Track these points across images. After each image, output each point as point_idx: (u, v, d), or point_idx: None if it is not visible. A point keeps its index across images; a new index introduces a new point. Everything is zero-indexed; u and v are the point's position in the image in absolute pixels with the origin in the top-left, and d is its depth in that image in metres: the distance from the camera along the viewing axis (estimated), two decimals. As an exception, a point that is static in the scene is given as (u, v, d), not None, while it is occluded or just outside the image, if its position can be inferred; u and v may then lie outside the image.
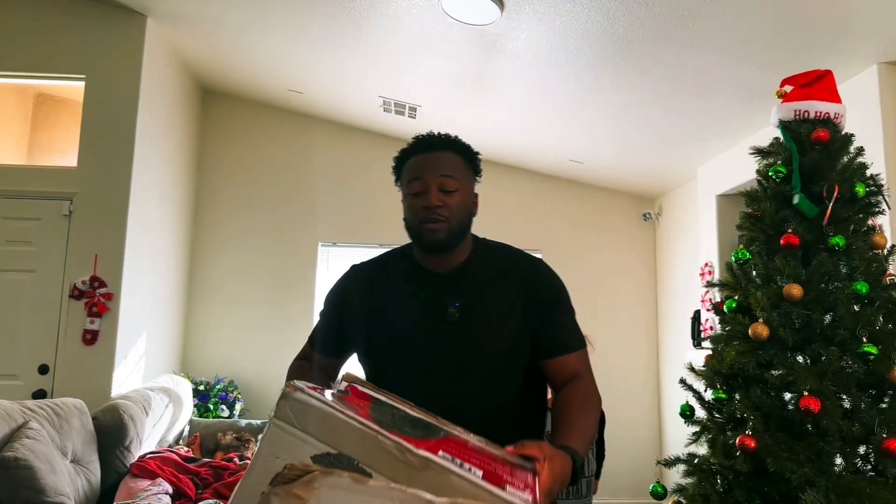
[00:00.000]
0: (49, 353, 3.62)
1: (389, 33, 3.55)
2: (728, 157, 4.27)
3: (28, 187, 3.75)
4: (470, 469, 0.94)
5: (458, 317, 1.41)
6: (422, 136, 1.49)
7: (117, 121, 3.81)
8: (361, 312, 1.47)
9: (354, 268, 1.57)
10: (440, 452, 0.96)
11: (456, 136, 1.50)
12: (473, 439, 1.12)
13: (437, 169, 1.41)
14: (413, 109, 4.60)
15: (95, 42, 3.85)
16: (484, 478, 0.93)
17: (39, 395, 3.54)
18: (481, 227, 1.58)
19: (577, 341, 1.49)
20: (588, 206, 5.54)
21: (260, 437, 0.91)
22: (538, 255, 5.38)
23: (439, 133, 1.49)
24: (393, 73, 4.12)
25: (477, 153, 1.53)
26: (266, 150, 5.21)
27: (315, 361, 1.52)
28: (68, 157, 4.01)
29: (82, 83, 3.85)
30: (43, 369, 3.60)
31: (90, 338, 3.61)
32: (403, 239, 1.56)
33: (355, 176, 5.17)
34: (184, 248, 4.87)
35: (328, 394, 1.02)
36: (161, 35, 4.14)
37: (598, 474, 2.86)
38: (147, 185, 4.02)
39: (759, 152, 2.29)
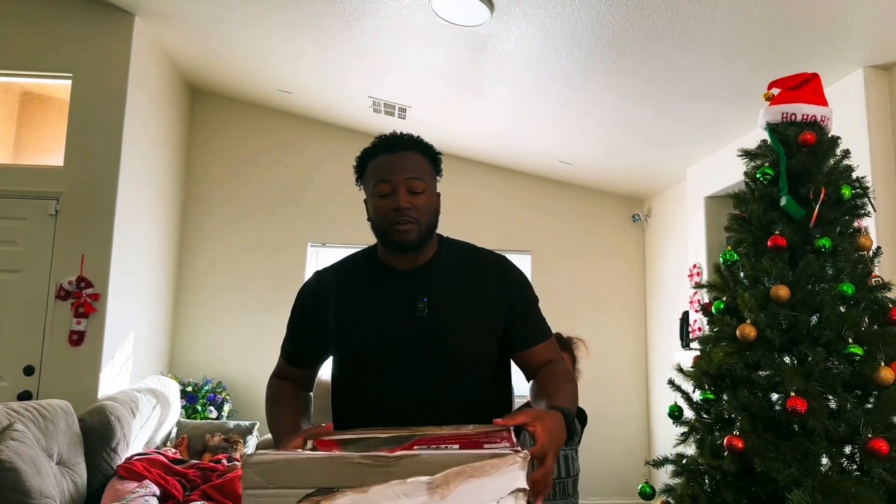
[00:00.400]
0: (35, 353, 3.58)
1: (379, 34, 3.55)
2: (716, 159, 4.29)
3: (14, 186, 3.71)
4: (446, 447, 0.99)
5: (426, 312, 1.42)
6: (386, 135, 1.48)
7: (104, 120, 3.78)
8: (331, 319, 1.46)
9: (317, 275, 1.56)
10: (414, 448, 1.00)
11: (419, 136, 1.49)
12: (447, 429, 1.15)
13: (404, 171, 1.41)
14: (403, 110, 4.60)
15: (82, 40, 3.82)
16: (461, 448, 0.98)
17: (25, 396, 3.50)
18: (471, 229, 1.59)
19: (546, 331, 1.57)
20: (577, 207, 5.55)
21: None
22: (527, 257, 5.40)
23: (402, 133, 1.48)
24: (382, 74, 4.11)
25: (439, 153, 1.53)
26: (255, 150, 5.19)
27: (289, 376, 1.57)
28: (55, 157, 3.97)
29: (69, 82, 3.82)
30: (28, 370, 3.56)
31: (77, 338, 3.58)
32: None
33: (345, 177, 5.14)
34: (172, 249, 4.84)
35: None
36: (149, 33, 4.11)
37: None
38: (134, 185, 3.99)
39: (747, 154, 2.31)
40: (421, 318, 1.41)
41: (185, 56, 4.51)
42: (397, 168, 1.41)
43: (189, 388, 4.54)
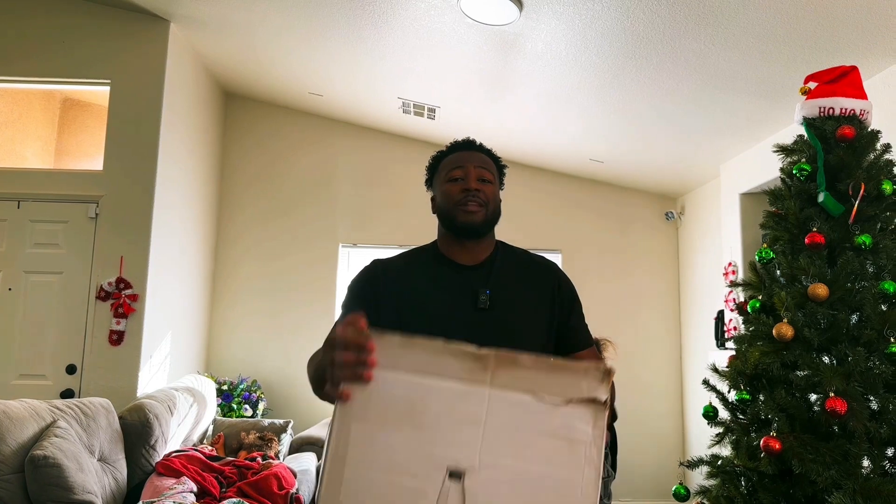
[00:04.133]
0: (76, 353, 3.68)
1: (408, 35, 3.56)
2: (751, 155, 4.21)
3: (55, 191, 3.83)
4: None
5: (488, 304, 1.45)
6: (460, 140, 1.61)
7: (142, 125, 3.87)
8: (392, 300, 1.46)
9: (378, 261, 1.56)
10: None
11: (489, 148, 1.64)
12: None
13: (476, 161, 1.53)
14: (432, 111, 4.61)
15: (120, 48, 3.92)
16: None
17: (67, 394, 3.61)
18: (501, 228, 1.59)
19: (589, 339, 1.63)
20: (609, 205, 5.50)
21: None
22: (559, 256, 5.37)
23: (476, 140, 1.62)
24: (412, 75, 4.13)
25: (505, 165, 1.65)
26: (287, 152, 5.25)
27: None
28: (94, 161, 4.08)
29: (108, 88, 3.92)
30: (70, 369, 3.67)
31: (116, 338, 3.68)
32: (424, 240, 1.59)
33: (375, 177, 5.20)
34: (207, 250, 4.93)
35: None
36: (184, 40, 4.19)
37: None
38: (171, 188, 4.08)
39: (783, 150, 2.26)
40: (483, 310, 1.45)
41: (219, 61, 4.60)
42: (471, 159, 1.53)
43: (225, 387, 4.62)
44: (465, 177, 1.50)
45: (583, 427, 0.90)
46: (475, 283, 1.48)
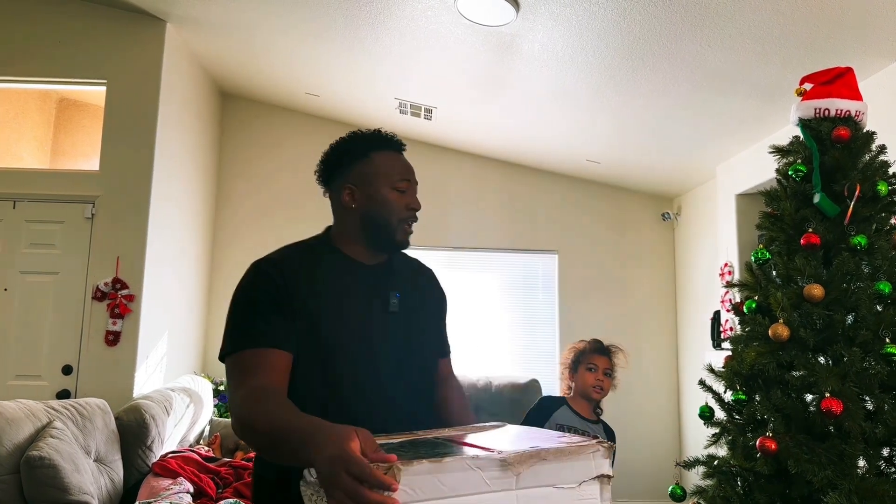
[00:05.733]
0: (72, 353, 3.68)
1: (405, 35, 3.57)
2: (747, 156, 4.23)
3: (51, 191, 3.81)
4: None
5: (397, 307, 1.43)
6: (390, 133, 1.51)
7: (138, 125, 3.86)
8: (303, 305, 1.33)
9: (267, 264, 1.39)
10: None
11: None
12: (457, 430, 1.19)
13: (414, 175, 1.48)
14: (429, 111, 4.61)
15: (116, 48, 3.91)
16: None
17: (63, 395, 3.60)
18: (497, 229, 1.60)
19: (450, 346, 1.68)
20: (605, 206, 5.51)
21: None
22: (554, 257, 5.38)
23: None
24: (408, 75, 4.13)
25: None
26: (284, 152, 5.25)
27: (273, 365, 1.27)
28: (91, 161, 4.07)
29: (104, 88, 3.91)
30: (67, 370, 3.66)
31: (112, 339, 3.67)
32: (420, 238, 1.59)
33: (372, 177, 5.19)
34: (204, 250, 4.92)
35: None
36: (180, 40, 4.19)
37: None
38: (167, 188, 4.07)
39: (779, 151, 2.26)
40: (393, 313, 1.43)
41: (216, 61, 4.59)
42: (411, 170, 1.48)
43: (221, 387, 4.61)
44: (409, 191, 1.44)
45: (594, 501, 1.01)
46: (383, 284, 1.44)
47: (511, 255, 5.36)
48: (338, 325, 1.35)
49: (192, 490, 3.08)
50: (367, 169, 1.43)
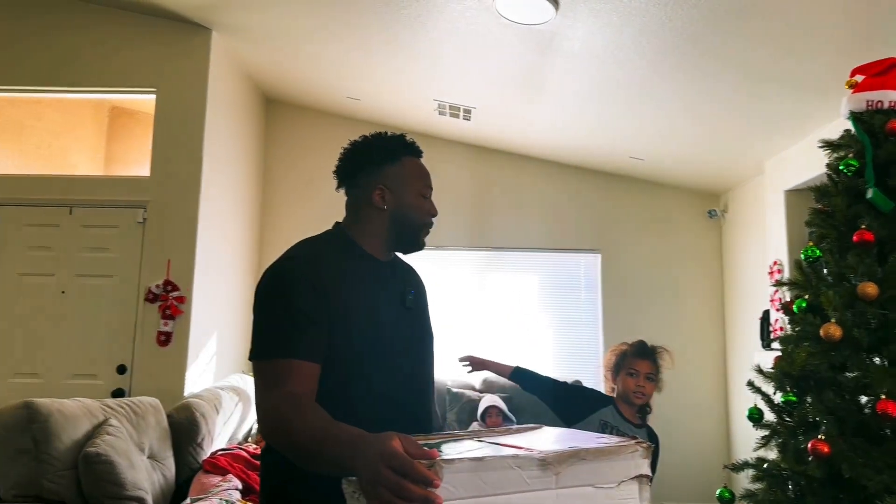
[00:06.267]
0: (126, 353, 3.81)
1: (444, 37, 3.58)
2: (797, 151, 4.11)
3: (105, 196, 3.96)
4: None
5: (413, 303, 1.51)
6: (412, 139, 1.54)
7: (186, 131, 3.97)
8: (339, 304, 1.33)
9: (295, 261, 1.39)
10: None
11: None
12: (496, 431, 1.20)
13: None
14: (468, 111, 4.62)
15: (165, 57, 4.03)
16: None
17: (118, 393, 3.73)
18: (538, 229, 1.62)
19: None
20: (649, 203, 5.42)
21: None
22: (597, 256, 5.33)
23: None
24: (447, 76, 4.15)
25: None
26: (326, 156, 5.30)
27: (304, 375, 1.26)
28: (142, 167, 4.21)
29: (153, 96, 4.04)
30: (121, 369, 3.79)
31: (164, 339, 3.78)
32: (461, 240, 1.63)
33: (413, 179, 5.23)
34: (250, 252, 5.03)
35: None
36: (225, 48, 4.29)
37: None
38: (215, 192, 4.18)
39: (829, 145, 2.20)
40: (410, 309, 1.49)
41: (259, 67, 4.69)
42: (430, 177, 1.55)
43: (267, 387, 4.70)
44: (430, 199, 1.52)
45: (633, 501, 1.01)
46: (398, 280, 1.52)
47: (553, 254, 5.33)
48: (369, 322, 1.38)
49: (240, 487, 3.15)
50: (399, 172, 1.46)
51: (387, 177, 1.45)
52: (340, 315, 1.32)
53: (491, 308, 5.19)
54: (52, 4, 4.05)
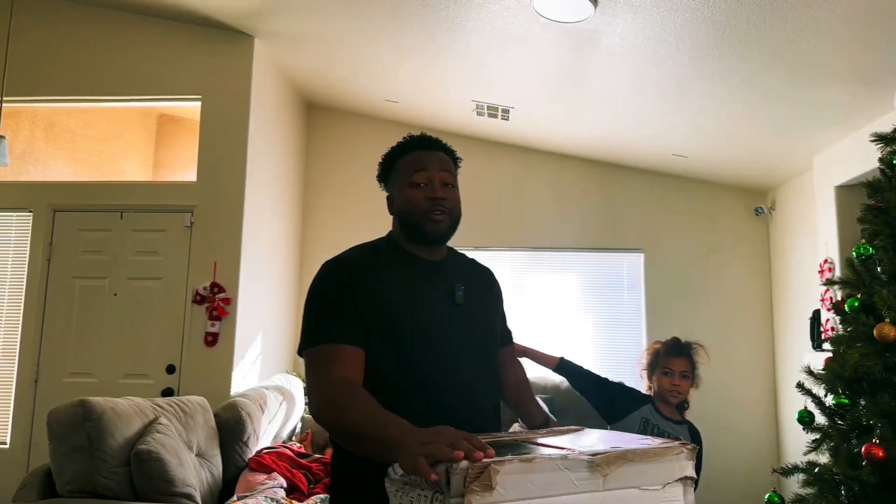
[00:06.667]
0: (175, 354, 3.92)
1: (482, 37, 3.58)
2: (847, 146, 3.98)
3: (154, 201, 4.08)
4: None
5: (463, 300, 1.49)
6: (415, 135, 1.57)
7: (231, 136, 4.07)
8: (373, 301, 1.40)
9: (336, 263, 1.48)
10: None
11: (443, 141, 1.59)
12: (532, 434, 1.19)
13: (437, 164, 1.49)
14: (506, 111, 4.61)
15: (209, 64, 4.14)
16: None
17: (167, 393, 3.84)
18: (579, 228, 1.61)
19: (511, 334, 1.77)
20: (693, 201, 5.32)
21: None
22: (639, 256, 5.25)
23: (430, 135, 1.58)
24: (485, 77, 4.14)
25: (459, 157, 1.61)
26: (366, 159, 5.37)
27: (348, 358, 1.34)
28: (189, 173, 4.33)
29: (199, 103, 4.15)
30: (170, 369, 3.90)
31: (211, 340, 3.88)
32: (501, 238, 1.61)
33: (452, 180, 5.24)
34: (294, 254, 5.12)
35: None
36: (267, 54, 4.38)
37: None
38: (259, 196, 4.27)
39: (882, 139, 2.13)
40: (459, 305, 1.48)
41: (300, 73, 4.77)
42: (432, 161, 1.49)
43: (311, 387, 4.77)
44: (429, 182, 1.46)
45: (677, 503, 1.01)
46: (447, 277, 1.50)
47: (594, 254, 5.27)
48: (408, 319, 1.41)
49: (285, 485, 3.20)
50: (395, 176, 1.53)
51: (392, 185, 1.55)
52: (374, 311, 1.38)
53: (531, 309, 5.16)
54: (100, 17, 4.20)
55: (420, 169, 1.48)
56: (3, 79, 3.59)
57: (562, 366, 2.43)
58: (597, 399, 2.44)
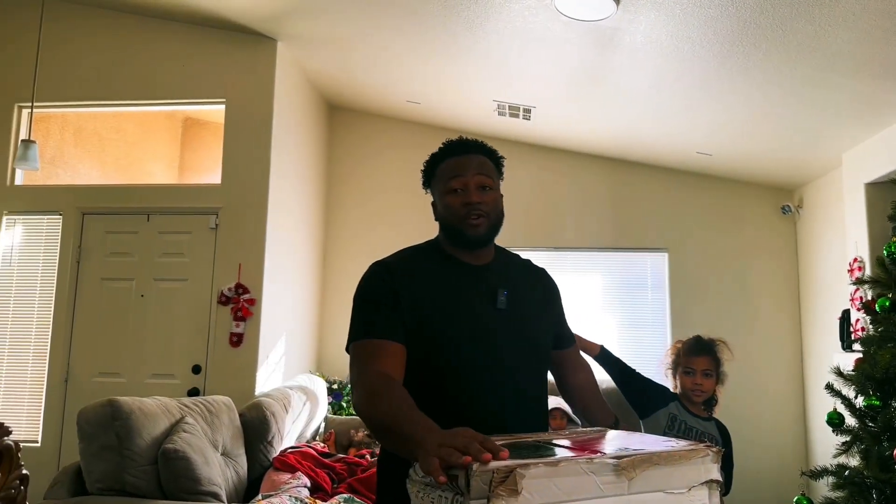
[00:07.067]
0: (201, 354, 3.97)
1: (502, 37, 3.57)
2: (877, 142, 3.89)
3: (179, 204, 4.14)
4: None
5: (506, 304, 1.48)
6: (453, 140, 1.57)
7: (255, 139, 4.11)
8: (411, 304, 1.44)
9: (381, 265, 1.53)
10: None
11: (482, 141, 1.58)
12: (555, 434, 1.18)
13: (474, 169, 1.50)
14: (528, 111, 4.59)
15: (233, 68, 4.19)
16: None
17: (193, 392, 3.89)
18: (603, 228, 1.59)
19: (573, 336, 1.75)
20: (719, 200, 5.25)
21: None
22: (663, 255, 5.20)
23: (468, 138, 1.58)
24: (506, 76, 4.13)
25: (502, 156, 1.61)
26: (388, 160, 5.40)
27: (388, 353, 1.39)
28: (213, 175, 4.38)
29: (223, 107, 4.20)
30: (196, 369, 3.95)
31: (236, 340, 3.92)
32: (524, 238, 1.60)
33: (474, 180, 5.23)
34: (317, 255, 5.16)
35: None
36: (290, 57, 4.42)
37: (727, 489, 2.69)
38: (283, 198, 4.31)
39: (913, 135, 2.08)
40: (501, 310, 1.47)
41: (322, 75, 4.80)
42: (468, 166, 1.50)
43: (335, 386, 4.81)
44: (464, 188, 1.48)
45: None
46: (490, 281, 1.50)
47: (617, 254, 5.23)
48: (447, 322, 1.43)
49: (309, 484, 3.23)
50: (434, 182, 1.57)
51: (433, 191, 1.58)
52: (414, 313, 1.42)
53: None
54: (126, 23, 4.27)
55: (456, 175, 1.49)
56: (34, 85, 3.67)
57: (602, 353, 2.42)
58: (631, 392, 2.43)
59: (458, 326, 1.43)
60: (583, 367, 1.72)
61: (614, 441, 1.12)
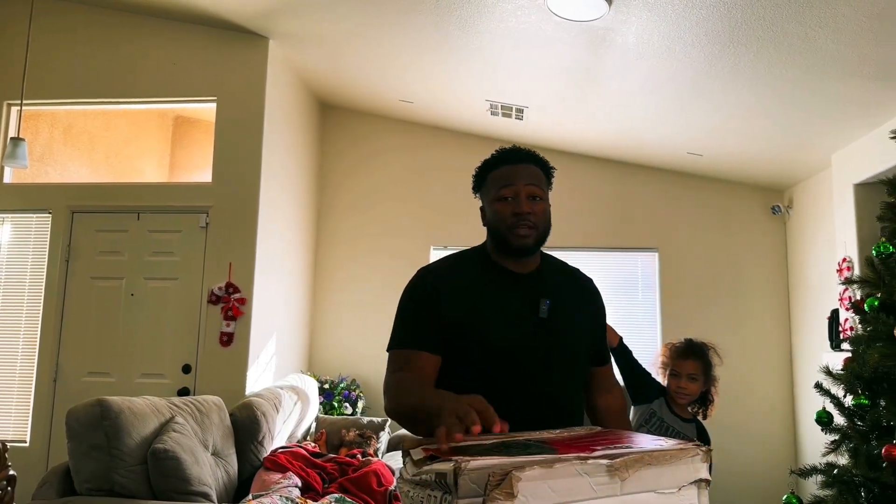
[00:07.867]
0: (191, 353, 3.95)
1: (495, 37, 3.57)
2: (866, 143, 3.92)
3: (170, 202, 4.12)
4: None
5: (547, 314, 1.48)
6: (507, 148, 1.59)
7: (246, 138, 4.09)
8: (453, 311, 1.47)
9: (427, 271, 1.57)
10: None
11: (535, 152, 1.59)
12: (559, 432, 1.17)
13: (525, 178, 1.50)
14: (520, 111, 4.60)
15: (224, 66, 4.17)
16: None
17: (183, 392, 3.87)
18: (594, 227, 1.59)
19: (609, 355, 1.72)
20: (709, 200, 5.27)
21: None
22: (654, 255, 5.22)
23: (521, 147, 1.59)
24: (499, 77, 4.14)
25: (553, 168, 1.61)
26: (380, 159, 5.39)
27: (422, 364, 1.45)
28: (204, 174, 4.36)
29: (214, 105, 4.18)
30: (186, 369, 3.93)
31: (226, 340, 3.90)
32: None
33: (464, 180, 5.21)
34: (308, 254, 5.14)
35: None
36: (282, 56, 4.40)
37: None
38: (274, 196, 4.29)
39: (902, 136, 2.10)
40: (543, 319, 1.48)
41: (314, 73, 4.79)
42: (519, 175, 1.50)
43: (326, 386, 4.80)
44: (514, 196, 1.48)
45: None
46: (533, 291, 1.51)
47: (608, 254, 5.24)
48: (486, 329, 1.45)
49: (300, 484, 3.22)
50: (484, 188, 1.57)
51: (483, 197, 1.59)
52: (454, 321, 1.45)
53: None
54: (117, 20, 4.24)
55: (507, 184, 1.50)
56: (23, 82, 3.63)
57: (620, 345, 2.46)
58: (631, 377, 2.46)
59: (497, 334, 1.45)
60: (614, 388, 1.70)
61: (604, 438, 1.12)
